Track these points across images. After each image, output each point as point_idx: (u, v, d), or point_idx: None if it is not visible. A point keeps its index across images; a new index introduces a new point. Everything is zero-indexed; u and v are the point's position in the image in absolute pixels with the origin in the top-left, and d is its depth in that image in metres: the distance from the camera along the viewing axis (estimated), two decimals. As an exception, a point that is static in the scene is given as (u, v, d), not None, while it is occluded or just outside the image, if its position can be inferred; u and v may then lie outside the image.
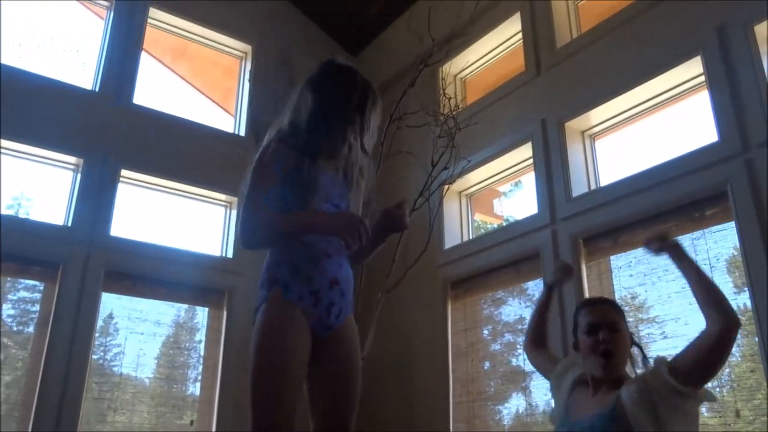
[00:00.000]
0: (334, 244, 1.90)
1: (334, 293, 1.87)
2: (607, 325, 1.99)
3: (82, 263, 3.99)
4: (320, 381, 1.88)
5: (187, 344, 4.44)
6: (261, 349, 1.76)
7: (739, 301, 2.77)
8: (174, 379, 4.35)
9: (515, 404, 3.75)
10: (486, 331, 4.02)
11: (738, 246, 2.78)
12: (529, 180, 3.99)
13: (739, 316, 1.84)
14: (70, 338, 3.82)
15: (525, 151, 3.97)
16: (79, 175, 4.23)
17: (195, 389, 4.37)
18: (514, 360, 3.81)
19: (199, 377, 4.37)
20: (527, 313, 3.76)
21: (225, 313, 4.45)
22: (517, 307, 3.88)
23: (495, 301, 4.01)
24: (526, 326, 3.38)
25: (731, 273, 2.88)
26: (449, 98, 3.99)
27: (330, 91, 1.96)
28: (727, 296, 1.79)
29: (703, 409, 2.80)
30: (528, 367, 3.67)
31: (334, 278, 1.88)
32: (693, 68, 3.19)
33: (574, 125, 3.74)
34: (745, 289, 2.71)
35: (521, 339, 3.79)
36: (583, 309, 2.10)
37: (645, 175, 3.21)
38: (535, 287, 3.70)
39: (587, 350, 2.01)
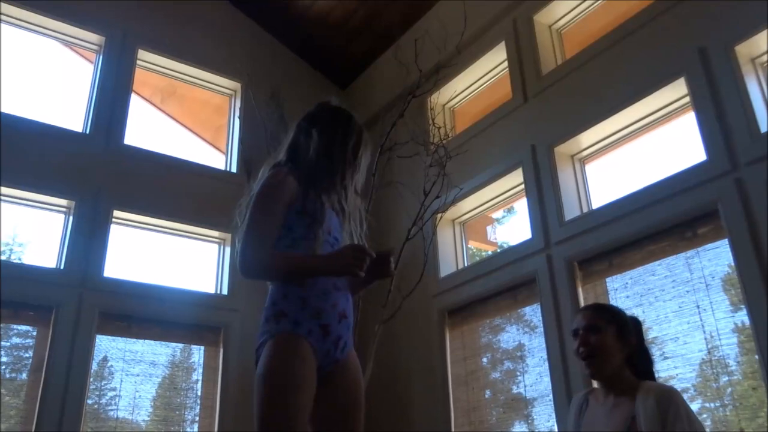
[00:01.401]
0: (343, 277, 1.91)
1: (342, 327, 1.87)
2: (584, 329, 2.05)
3: (76, 306, 3.95)
4: (324, 414, 1.86)
5: (184, 384, 4.37)
6: (271, 386, 1.72)
7: (737, 318, 2.78)
8: (171, 420, 4.27)
9: (518, 432, 3.71)
10: (485, 359, 4.00)
11: (732, 263, 2.79)
12: (522, 205, 4.01)
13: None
14: (64, 383, 3.76)
15: (516, 177, 4.00)
16: (71, 218, 4.22)
17: (193, 430, 4.30)
18: (514, 387, 3.78)
19: (197, 418, 4.30)
20: (526, 340, 3.75)
21: (221, 350, 4.40)
22: (515, 334, 3.86)
23: (493, 329, 3.99)
24: (525, 353, 3.35)
25: (727, 291, 2.88)
26: (438, 127, 4.03)
27: (332, 132, 2.01)
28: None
29: (708, 430, 2.77)
30: (529, 394, 3.64)
31: (342, 311, 1.88)
32: (678, 90, 3.24)
33: (563, 150, 3.77)
34: (742, 306, 2.71)
35: (521, 366, 3.77)
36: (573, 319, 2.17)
37: (636, 196, 3.24)
38: (533, 312, 3.69)
39: (576, 357, 2.10)
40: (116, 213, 4.37)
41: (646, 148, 3.58)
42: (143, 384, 4.18)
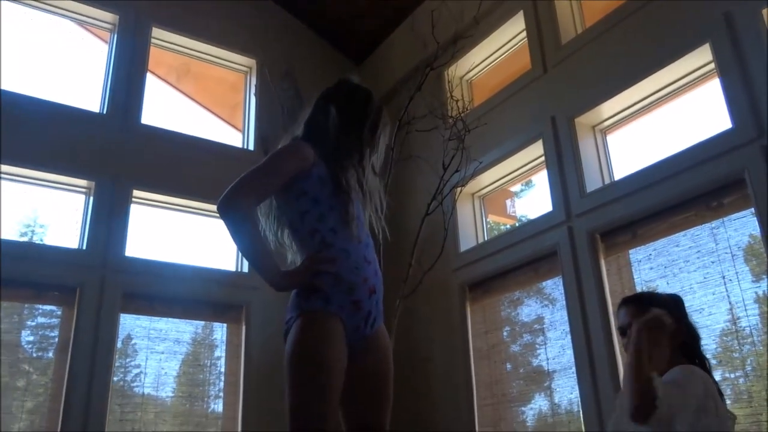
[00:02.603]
0: (371, 248, 1.89)
1: (372, 302, 1.85)
2: (620, 331, 2.05)
3: (99, 286, 3.99)
4: (352, 390, 1.85)
5: (207, 361, 4.43)
6: (302, 363, 1.71)
7: (759, 289, 2.74)
8: (196, 396, 4.34)
9: (538, 405, 3.72)
10: (506, 333, 3.99)
11: (754, 233, 2.74)
12: (542, 178, 3.96)
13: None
14: (90, 361, 3.82)
15: (536, 149, 3.94)
16: (91, 198, 4.24)
17: (217, 406, 4.36)
18: (535, 360, 3.78)
19: (221, 394, 4.36)
20: (547, 313, 3.73)
21: (243, 328, 4.44)
22: (536, 307, 3.85)
23: (513, 302, 3.98)
24: (546, 326, 3.30)
25: (748, 261, 2.84)
26: (456, 100, 3.98)
27: (350, 110, 1.99)
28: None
29: (729, 400, 2.75)
30: (551, 366, 3.63)
31: (372, 287, 1.85)
32: (702, 56, 3.16)
33: (584, 120, 3.71)
34: (764, 277, 2.67)
35: (540, 339, 3.76)
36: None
37: (660, 166, 3.18)
38: (554, 286, 3.66)
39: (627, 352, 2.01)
40: (135, 192, 4.39)
41: (670, 117, 3.51)
42: (167, 361, 4.24)
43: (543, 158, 3.85)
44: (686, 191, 3.03)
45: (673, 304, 2.03)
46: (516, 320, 3.96)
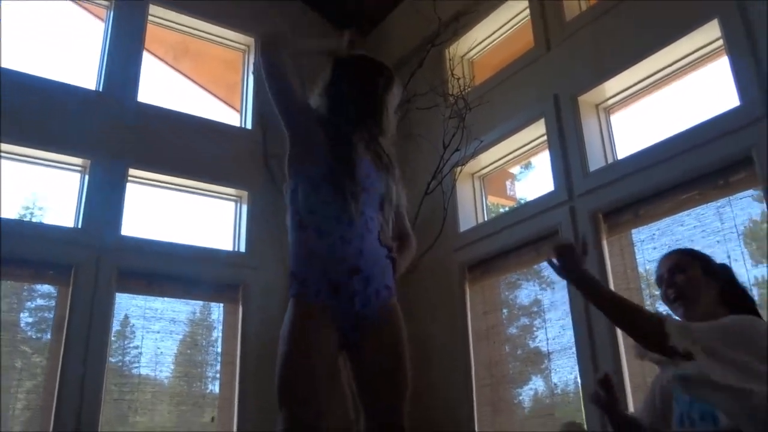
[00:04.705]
0: (354, 227, 1.81)
1: (356, 282, 1.78)
2: (669, 271, 1.94)
3: (95, 264, 3.95)
4: (360, 374, 1.82)
5: (204, 342, 4.39)
6: (283, 351, 1.75)
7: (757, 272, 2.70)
8: (193, 377, 4.31)
9: (534, 386, 3.71)
10: (505, 313, 3.96)
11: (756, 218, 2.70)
12: (543, 159, 3.91)
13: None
14: (85, 341, 3.78)
15: (538, 128, 3.88)
16: (86, 176, 4.18)
17: (214, 387, 4.33)
18: (531, 342, 3.78)
19: (218, 375, 4.32)
20: (546, 293, 3.70)
21: (240, 308, 4.40)
22: (536, 289, 3.81)
23: (512, 284, 3.94)
24: (543, 307, 3.27)
25: (748, 245, 2.80)
26: (458, 78, 3.91)
27: (360, 79, 1.99)
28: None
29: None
30: (550, 347, 3.60)
31: (354, 267, 1.78)
32: (710, 33, 3.10)
33: (587, 99, 3.65)
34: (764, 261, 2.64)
35: (537, 321, 3.74)
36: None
37: (665, 145, 3.12)
38: (556, 266, 3.61)
39: (666, 303, 1.97)
40: (132, 171, 4.33)
41: (676, 95, 3.44)
42: (164, 341, 4.20)
43: (545, 137, 3.79)
44: (692, 170, 2.98)
45: (719, 265, 2.00)
46: (515, 302, 3.93)
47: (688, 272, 1.91)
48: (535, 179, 4.37)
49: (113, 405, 3.90)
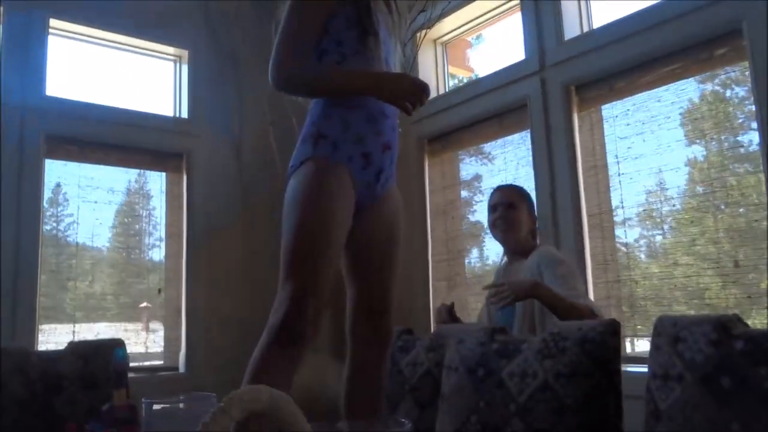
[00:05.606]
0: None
1: (386, 158, 1.72)
2: (503, 205, 2.53)
3: (18, 128, 3.56)
4: (359, 252, 1.74)
5: (143, 211, 4.16)
6: (303, 210, 1.57)
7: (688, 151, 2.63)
8: (133, 246, 4.13)
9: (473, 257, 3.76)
10: (464, 191, 3.85)
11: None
12: (515, 22, 3.63)
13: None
14: (16, 209, 3.49)
15: (510, -11, 3.57)
16: (0, 26, 3.67)
17: (157, 256, 4.16)
18: (471, 217, 3.80)
19: (158, 243, 4.14)
20: (484, 171, 3.63)
21: (185, 177, 4.13)
22: (497, 164, 3.68)
23: (471, 157, 3.80)
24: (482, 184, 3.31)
25: (684, 126, 2.73)
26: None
27: None
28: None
29: (686, 258, 2.73)
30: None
31: (387, 142, 1.71)
32: None
33: (566, -42, 3.34)
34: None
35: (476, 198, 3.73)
36: (490, 195, 2.65)
37: (646, 13, 2.90)
38: (521, 140, 3.47)
39: (490, 227, 2.60)
40: (53, 23, 3.83)
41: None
42: (102, 211, 3.95)
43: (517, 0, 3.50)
44: (674, 41, 2.78)
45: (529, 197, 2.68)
46: (470, 179, 3.81)
47: (517, 209, 2.52)
48: (488, 51, 4.16)
49: (51, 275, 3.72)
